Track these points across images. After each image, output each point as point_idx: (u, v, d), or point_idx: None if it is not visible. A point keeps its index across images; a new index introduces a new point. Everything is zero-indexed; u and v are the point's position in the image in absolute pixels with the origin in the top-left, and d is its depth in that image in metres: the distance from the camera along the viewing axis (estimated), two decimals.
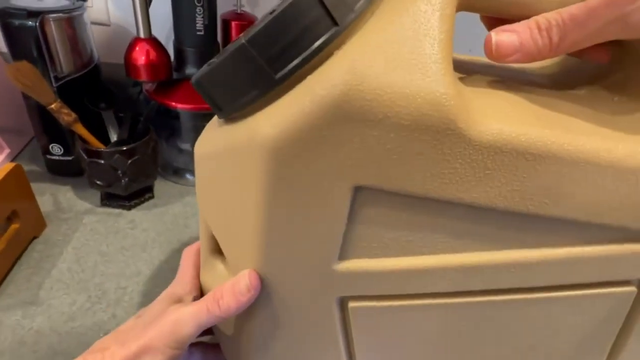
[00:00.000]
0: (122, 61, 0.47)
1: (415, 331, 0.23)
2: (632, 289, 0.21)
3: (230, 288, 0.22)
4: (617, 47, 0.20)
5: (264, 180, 0.17)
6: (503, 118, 0.16)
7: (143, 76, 0.46)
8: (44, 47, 0.42)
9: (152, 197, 0.50)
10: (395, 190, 0.17)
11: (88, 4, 0.54)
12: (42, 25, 0.41)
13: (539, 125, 0.17)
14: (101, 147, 0.44)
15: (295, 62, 0.16)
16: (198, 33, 0.46)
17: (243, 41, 0.16)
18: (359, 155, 0.16)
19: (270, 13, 0.16)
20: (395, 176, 0.17)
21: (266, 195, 0.18)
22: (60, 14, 0.43)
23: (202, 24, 0.46)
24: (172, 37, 0.49)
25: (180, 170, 0.54)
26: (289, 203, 0.18)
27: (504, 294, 0.21)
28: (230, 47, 0.17)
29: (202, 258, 0.27)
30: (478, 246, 0.19)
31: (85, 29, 0.47)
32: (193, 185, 0.54)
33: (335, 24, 0.16)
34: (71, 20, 0.44)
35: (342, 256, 0.20)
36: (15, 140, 0.53)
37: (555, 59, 0.24)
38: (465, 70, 0.21)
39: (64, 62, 0.44)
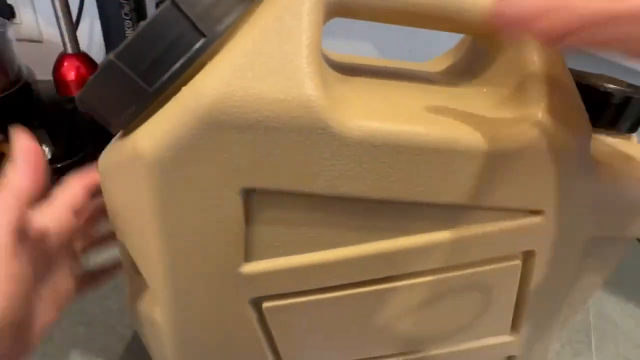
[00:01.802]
0: None
1: (329, 322, 0.24)
2: (517, 262, 0.22)
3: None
4: (491, 45, 0.22)
5: (151, 193, 0.18)
6: (373, 115, 0.18)
7: (74, 92, 0.45)
8: None
9: None
10: (282, 190, 0.18)
11: (16, 20, 0.53)
12: None
13: (408, 121, 0.18)
14: None
15: (167, 74, 0.17)
16: None
17: (111, 57, 0.16)
18: (239, 160, 0.17)
19: (135, 30, 0.16)
20: (278, 177, 0.18)
21: (157, 207, 0.18)
22: None
23: None
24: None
25: None
26: (181, 212, 0.18)
27: (402, 279, 0.22)
28: (102, 63, 0.17)
29: (127, 276, 0.27)
30: (371, 237, 0.20)
31: (11, 47, 0.46)
32: None
33: (203, 35, 0.16)
34: None
35: (248, 258, 0.21)
36: None
37: (446, 58, 0.26)
38: (355, 72, 0.22)
39: None
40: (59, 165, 0.43)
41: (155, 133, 0.17)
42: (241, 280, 0.21)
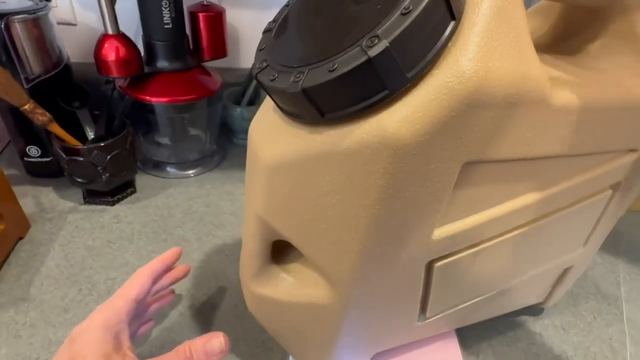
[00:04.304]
0: (92, 60, 0.47)
1: (481, 266, 0.26)
2: (609, 191, 0.28)
3: (202, 347, 0.23)
4: (593, 16, 0.24)
5: (386, 176, 0.18)
6: (564, 84, 0.20)
7: (114, 72, 0.46)
8: (11, 48, 0.42)
9: (134, 191, 0.51)
10: (493, 159, 0.20)
11: (52, 4, 0.54)
12: (7, 27, 0.41)
13: (584, 86, 0.21)
14: (79, 144, 0.45)
15: (426, 59, 0.16)
16: (166, 26, 0.47)
17: (387, 44, 0.15)
18: (474, 136, 0.18)
19: (403, 13, 0.15)
20: (497, 147, 0.19)
21: (385, 189, 0.18)
22: (25, 15, 0.43)
23: (169, 17, 0.46)
24: (141, 31, 0.49)
25: (160, 163, 0.55)
26: (405, 191, 0.19)
27: (542, 218, 0.26)
28: (355, 52, 0.16)
29: (252, 269, 0.27)
30: (537, 187, 0.24)
31: (52, 29, 0.47)
32: (174, 177, 0.55)
33: (453, 18, 0.16)
34: (37, 21, 0.44)
35: (439, 224, 0.22)
36: None
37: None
38: None
39: (33, 63, 0.45)
40: (102, 144, 0.44)
41: (413, 117, 0.17)
42: (429, 245, 0.22)
